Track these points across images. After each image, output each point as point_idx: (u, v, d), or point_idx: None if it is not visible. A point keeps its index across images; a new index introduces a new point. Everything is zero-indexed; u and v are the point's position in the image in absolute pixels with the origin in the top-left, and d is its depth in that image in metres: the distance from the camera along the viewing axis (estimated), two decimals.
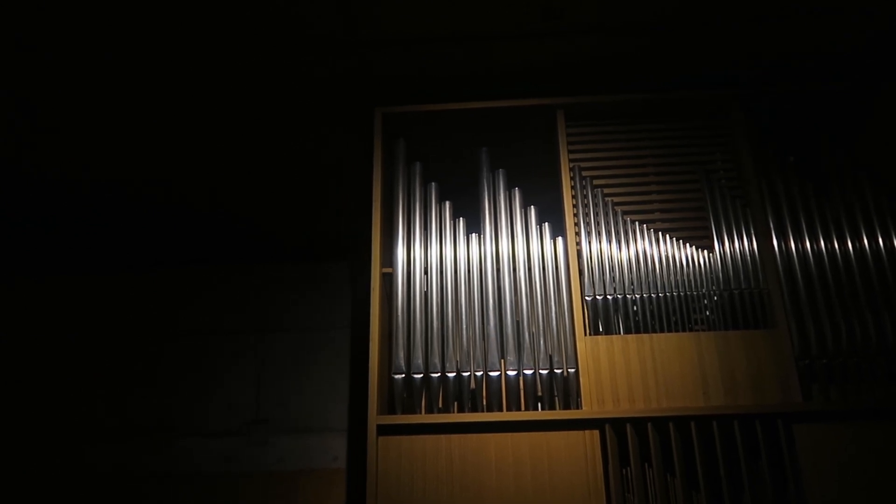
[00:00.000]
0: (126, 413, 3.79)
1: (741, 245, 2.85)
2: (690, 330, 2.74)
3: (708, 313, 2.79)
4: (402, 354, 2.73)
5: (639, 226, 2.93)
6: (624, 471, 2.54)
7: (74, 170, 3.60)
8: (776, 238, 2.81)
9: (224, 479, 3.60)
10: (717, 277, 2.80)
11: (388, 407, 2.74)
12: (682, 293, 2.80)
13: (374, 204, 2.97)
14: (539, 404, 2.72)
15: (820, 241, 2.81)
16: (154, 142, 3.45)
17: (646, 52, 3.08)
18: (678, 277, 2.82)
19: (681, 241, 2.90)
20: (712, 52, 3.09)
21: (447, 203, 3.04)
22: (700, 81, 3.16)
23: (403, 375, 2.70)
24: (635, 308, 2.79)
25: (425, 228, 3.00)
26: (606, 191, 3.00)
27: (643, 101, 3.11)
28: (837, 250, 2.79)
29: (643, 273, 2.83)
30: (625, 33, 3.00)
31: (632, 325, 2.76)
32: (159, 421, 3.76)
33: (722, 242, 2.86)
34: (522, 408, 2.68)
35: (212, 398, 3.78)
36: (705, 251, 2.87)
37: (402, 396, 2.69)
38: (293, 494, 3.52)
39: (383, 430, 2.60)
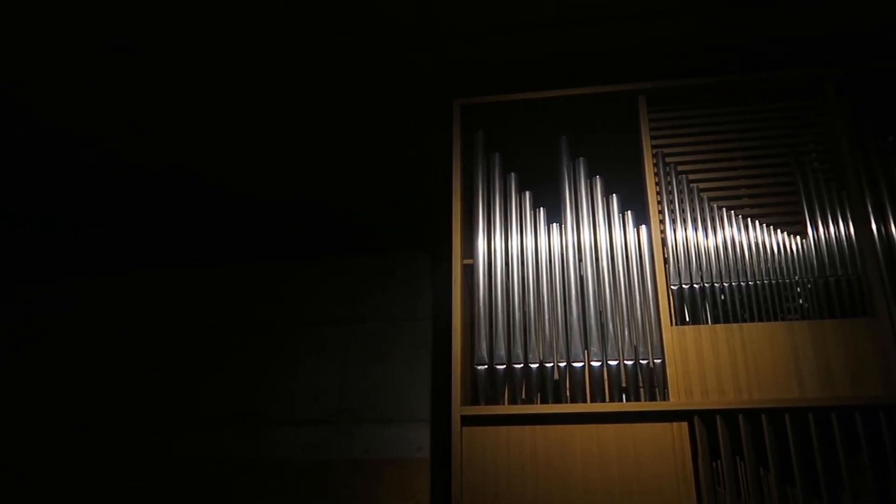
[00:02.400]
0: (214, 403, 3.93)
1: (836, 230, 2.73)
2: (783, 319, 2.65)
3: (801, 302, 2.68)
4: (484, 345, 2.73)
5: (726, 212, 2.84)
6: (714, 464, 2.48)
7: (173, 168, 3.76)
8: (875, 222, 2.68)
9: (310, 468, 3.69)
10: (811, 264, 2.69)
11: (472, 398, 2.76)
12: (773, 281, 2.70)
13: (453, 195, 2.97)
14: (623, 395, 2.68)
15: None
16: (243, 138, 3.56)
17: (730, 31, 2.97)
18: (769, 265, 2.72)
19: (771, 227, 2.80)
20: (801, 28, 2.95)
21: (527, 193, 3.02)
22: (788, 60, 3.04)
23: (486, 366, 2.71)
24: (723, 297, 2.71)
25: (505, 219, 2.99)
26: (692, 177, 2.92)
27: (729, 83, 3.00)
28: None
29: (731, 261, 2.74)
30: (707, 11, 2.90)
31: (720, 314, 2.68)
32: (246, 411, 3.88)
33: (816, 228, 2.74)
34: (607, 399, 2.65)
35: (298, 389, 3.87)
36: (798, 237, 2.76)
37: (485, 387, 2.69)
38: (378, 483, 3.58)
39: (467, 420, 2.61)
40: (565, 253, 2.88)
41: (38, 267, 4.50)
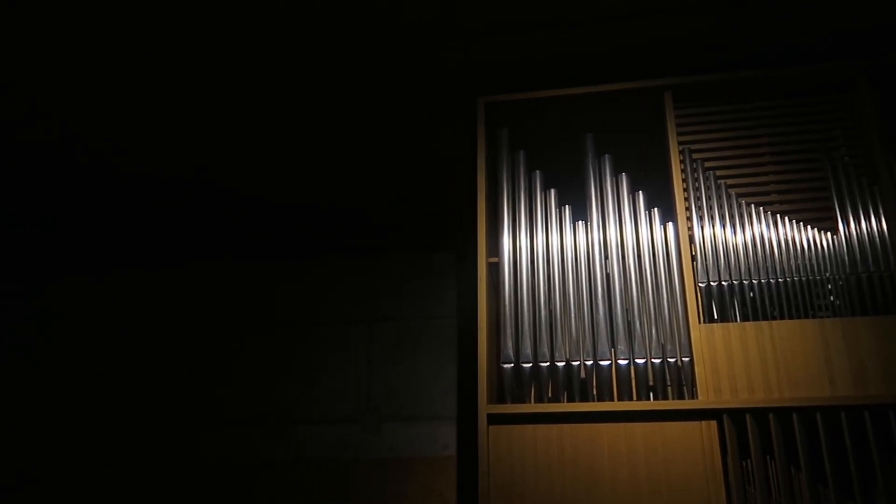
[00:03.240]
0: (241, 403, 3.95)
1: (868, 225, 2.68)
2: (813, 316, 2.61)
3: (833, 299, 2.64)
4: (510, 344, 2.73)
5: (755, 208, 2.80)
6: (744, 463, 2.46)
7: (202, 171, 3.81)
8: None
9: (336, 466, 3.71)
10: (843, 261, 2.65)
11: (498, 396, 2.75)
12: (803, 278, 2.66)
13: (478, 193, 2.97)
14: (651, 394, 2.66)
15: None
16: (271, 140, 3.58)
17: (756, 26, 2.94)
18: (799, 262, 2.69)
19: (801, 223, 2.76)
20: (830, 21, 2.91)
21: (552, 191, 3.01)
22: (817, 54, 2.99)
23: (512, 365, 2.70)
24: (752, 294, 2.68)
25: (531, 217, 2.98)
26: (719, 173, 2.89)
27: (756, 77, 2.96)
28: None
29: (760, 258, 2.71)
30: (734, 5, 2.86)
31: (749, 311, 2.65)
32: (273, 410, 3.90)
33: (847, 223, 2.70)
34: (634, 397, 2.63)
35: (324, 387, 3.89)
36: (828, 233, 2.72)
37: (511, 386, 2.69)
38: (405, 481, 3.58)
39: (493, 419, 2.61)
40: (591, 251, 2.86)
41: (63, 263, 4.57)
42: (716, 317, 2.66)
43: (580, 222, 2.93)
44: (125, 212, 4.27)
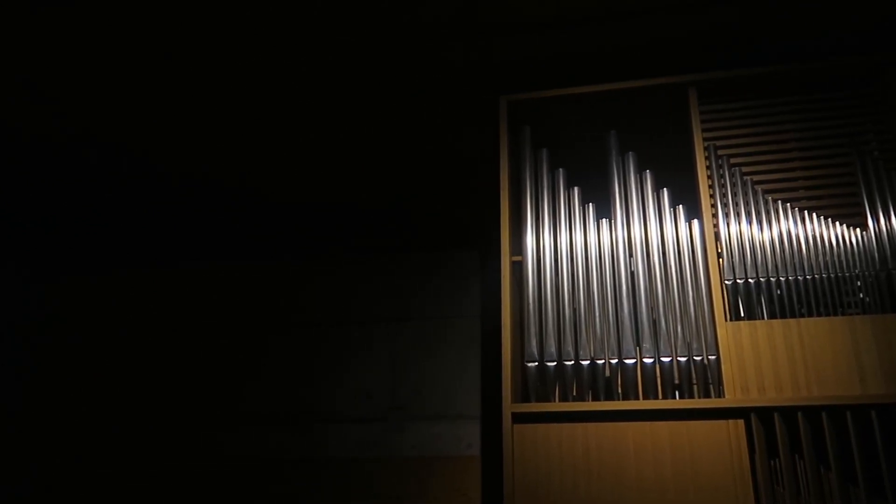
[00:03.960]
0: (266, 401, 3.98)
1: None
2: (842, 314, 2.58)
3: (862, 296, 2.60)
4: (534, 342, 2.72)
5: (782, 205, 2.77)
6: (772, 462, 2.43)
7: (230, 173, 3.84)
8: None
9: (361, 465, 3.72)
10: (873, 257, 2.61)
11: (522, 395, 2.74)
12: (832, 275, 2.63)
13: (501, 192, 2.96)
14: (677, 392, 2.63)
15: None
16: (292, 140, 3.61)
17: (781, 19, 2.89)
18: (827, 258, 2.65)
19: (829, 219, 2.72)
20: (857, 13, 2.86)
21: (575, 189, 2.99)
22: (844, 47, 2.95)
23: (536, 363, 2.69)
24: (779, 292, 2.64)
25: (554, 215, 2.96)
26: (745, 169, 2.86)
27: (783, 72, 2.92)
28: None
29: (788, 254, 2.68)
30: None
31: (776, 309, 2.62)
32: (298, 408, 3.92)
33: (877, 219, 2.66)
34: (660, 396, 2.61)
35: (349, 386, 3.90)
36: (857, 229, 2.68)
37: (535, 384, 2.68)
38: (429, 480, 3.59)
39: (518, 417, 2.60)
40: (615, 249, 2.84)
41: (89, 260, 4.63)
42: (742, 314, 2.63)
43: (604, 220, 2.91)
44: (151, 211, 4.32)
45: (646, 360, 2.63)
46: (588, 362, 2.67)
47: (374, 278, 4.14)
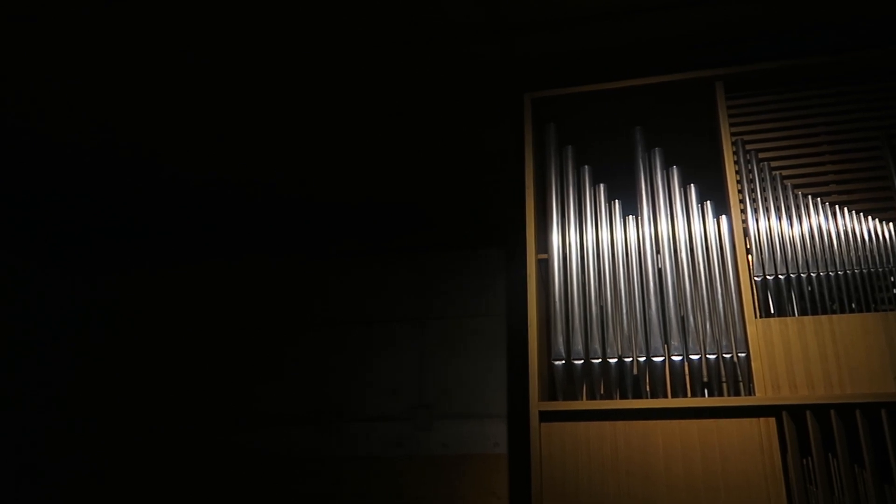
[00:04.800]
0: (293, 399, 4.01)
1: None
2: (875, 310, 2.53)
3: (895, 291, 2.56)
4: (561, 340, 2.71)
5: (812, 199, 2.73)
6: (805, 461, 2.39)
7: (266, 173, 3.87)
8: None
9: (390, 463, 3.74)
10: None
11: (549, 393, 2.73)
12: (864, 270, 2.58)
13: (526, 190, 2.95)
14: (706, 390, 2.61)
15: None
16: (313, 135, 3.63)
17: (808, 11, 2.85)
18: (859, 253, 2.61)
19: (861, 213, 2.67)
20: (888, 2, 2.81)
21: (601, 186, 2.97)
22: (873, 38, 2.89)
23: (563, 362, 2.68)
24: (810, 288, 2.60)
25: (580, 212, 2.95)
26: (774, 164, 2.82)
27: (811, 65, 2.88)
28: None
29: (819, 250, 2.64)
30: None
31: (808, 306, 2.58)
32: (325, 407, 3.95)
33: None
34: (688, 394, 2.59)
35: (376, 385, 3.92)
36: (890, 223, 2.63)
37: (562, 383, 2.67)
38: (457, 478, 3.59)
39: (545, 416, 2.59)
40: (642, 245, 2.82)
41: (114, 259, 4.70)
42: (772, 311, 2.60)
43: (630, 217, 2.89)
44: (179, 212, 4.38)
45: (674, 358, 2.61)
46: (615, 360, 2.66)
47: (399, 277, 4.15)
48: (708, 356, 2.60)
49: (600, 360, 2.67)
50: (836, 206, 2.70)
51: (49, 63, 3.06)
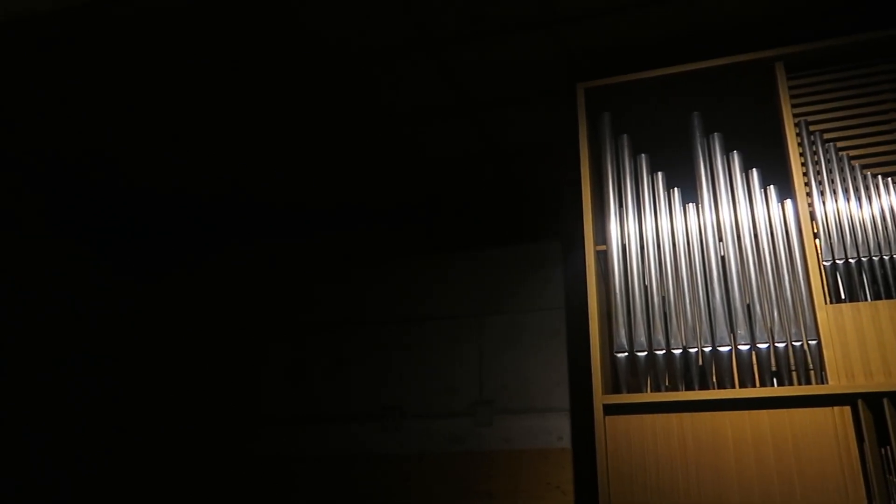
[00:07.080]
0: (354, 398, 4.05)
1: None
2: None
3: None
4: (623, 332, 2.67)
5: (882, 179, 2.63)
6: (883, 450, 2.31)
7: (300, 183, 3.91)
8: None
9: (452, 459, 3.74)
10: None
11: (613, 386, 2.70)
12: None
13: (583, 180, 2.92)
14: (775, 380, 2.54)
15: None
16: (372, 135, 3.66)
17: None
18: None
19: None
20: None
21: (659, 174, 2.92)
22: None
23: (626, 354, 2.65)
24: (883, 271, 2.51)
25: (638, 202, 2.90)
26: (840, 144, 2.73)
27: (876, 39, 2.77)
28: None
29: (891, 231, 2.54)
30: None
31: (881, 289, 2.48)
32: (387, 404, 3.98)
33: None
34: (757, 384, 2.52)
35: (436, 381, 3.93)
36: None
37: (626, 375, 2.63)
38: (520, 473, 3.58)
39: (610, 409, 2.56)
40: (704, 233, 2.76)
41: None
42: (843, 296, 2.51)
43: (690, 204, 2.83)
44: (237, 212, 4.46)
45: (741, 347, 2.54)
46: (680, 351, 2.61)
47: (460, 274, 4.15)
48: (777, 344, 2.53)
49: (664, 351, 2.62)
50: None
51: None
